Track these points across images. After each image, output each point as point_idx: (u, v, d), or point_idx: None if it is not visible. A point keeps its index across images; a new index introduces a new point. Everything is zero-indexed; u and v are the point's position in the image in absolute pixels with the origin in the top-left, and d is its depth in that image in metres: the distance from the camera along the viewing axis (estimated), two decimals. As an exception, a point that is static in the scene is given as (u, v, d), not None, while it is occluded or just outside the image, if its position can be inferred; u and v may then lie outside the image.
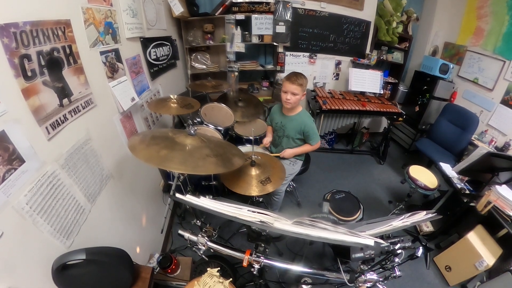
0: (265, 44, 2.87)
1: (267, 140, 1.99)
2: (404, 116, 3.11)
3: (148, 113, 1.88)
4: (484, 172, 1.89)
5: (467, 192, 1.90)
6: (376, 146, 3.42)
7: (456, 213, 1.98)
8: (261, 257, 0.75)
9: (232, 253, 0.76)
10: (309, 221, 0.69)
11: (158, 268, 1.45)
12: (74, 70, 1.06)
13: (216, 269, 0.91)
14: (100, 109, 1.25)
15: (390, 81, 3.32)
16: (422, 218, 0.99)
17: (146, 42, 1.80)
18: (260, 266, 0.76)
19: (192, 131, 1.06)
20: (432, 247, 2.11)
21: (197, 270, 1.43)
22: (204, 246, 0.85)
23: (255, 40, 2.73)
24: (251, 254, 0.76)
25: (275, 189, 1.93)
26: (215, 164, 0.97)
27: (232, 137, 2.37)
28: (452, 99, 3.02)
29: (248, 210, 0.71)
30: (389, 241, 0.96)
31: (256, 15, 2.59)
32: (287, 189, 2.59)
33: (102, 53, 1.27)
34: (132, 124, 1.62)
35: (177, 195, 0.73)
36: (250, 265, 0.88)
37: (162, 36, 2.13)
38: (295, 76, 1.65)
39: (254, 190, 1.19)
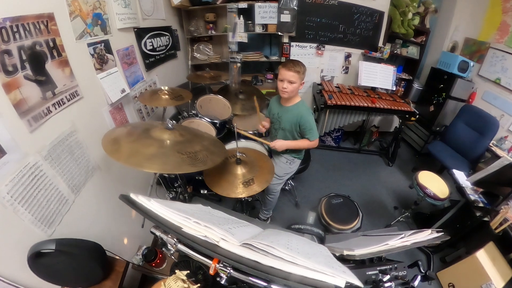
0: (270, 34, 2.83)
1: (265, 124, 1.93)
2: (417, 116, 2.99)
3: (142, 105, 1.93)
4: (502, 185, 1.76)
5: (481, 205, 1.79)
6: (386, 146, 3.34)
7: (467, 227, 1.88)
8: (228, 268, 0.65)
9: (201, 259, 0.70)
10: (263, 245, 0.57)
11: (143, 262, 1.52)
12: (59, 63, 1.11)
13: (186, 272, 0.92)
14: (87, 101, 1.31)
15: (404, 77, 3.19)
16: (425, 239, 0.89)
17: (140, 33, 1.84)
18: (227, 276, 0.72)
19: (170, 125, 1.07)
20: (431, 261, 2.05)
21: (175, 269, 1.47)
22: (173, 247, 0.84)
23: (258, 29, 2.71)
24: (219, 262, 0.71)
25: (269, 189, 1.97)
26: (186, 162, 0.95)
27: (230, 131, 2.39)
28: (470, 100, 2.88)
29: (194, 222, 0.62)
30: (378, 268, 0.85)
31: (259, 3, 2.56)
32: (286, 187, 2.59)
33: (90, 44, 1.31)
34: (123, 115, 1.68)
35: (132, 195, 0.70)
36: (218, 274, 0.87)
37: (160, 26, 2.16)
38: (292, 63, 1.59)
39: (234, 192, 1.19)
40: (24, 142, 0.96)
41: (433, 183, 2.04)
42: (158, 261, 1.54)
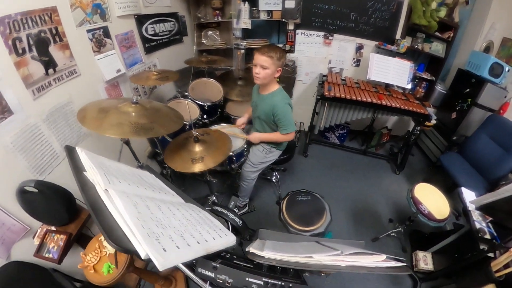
0: (279, 21, 2.99)
1: (241, 121, 2.14)
2: (435, 122, 2.92)
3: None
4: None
5: (488, 236, 1.60)
6: (397, 151, 3.31)
7: (466, 260, 1.70)
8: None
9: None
10: (113, 192, 0.67)
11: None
12: (60, 46, 1.53)
13: None
14: (84, 78, 1.72)
15: (425, 77, 3.08)
16: (371, 265, 0.77)
17: (141, 19, 2.21)
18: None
19: (134, 99, 1.41)
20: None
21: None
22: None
23: (263, 16, 2.90)
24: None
25: (243, 175, 2.21)
26: (130, 130, 1.27)
27: (223, 115, 2.69)
28: (501, 111, 2.67)
29: (93, 168, 0.75)
30: (264, 279, 0.80)
31: (264, -11, 2.74)
32: (272, 179, 2.79)
33: (89, 31, 1.71)
34: (119, 92, 2.09)
35: (76, 147, 0.91)
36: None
37: (164, 13, 2.52)
38: (267, 47, 1.61)
39: (182, 166, 1.49)
40: (28, 107, 1.38)
41: (432, 200, 1.92)
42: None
